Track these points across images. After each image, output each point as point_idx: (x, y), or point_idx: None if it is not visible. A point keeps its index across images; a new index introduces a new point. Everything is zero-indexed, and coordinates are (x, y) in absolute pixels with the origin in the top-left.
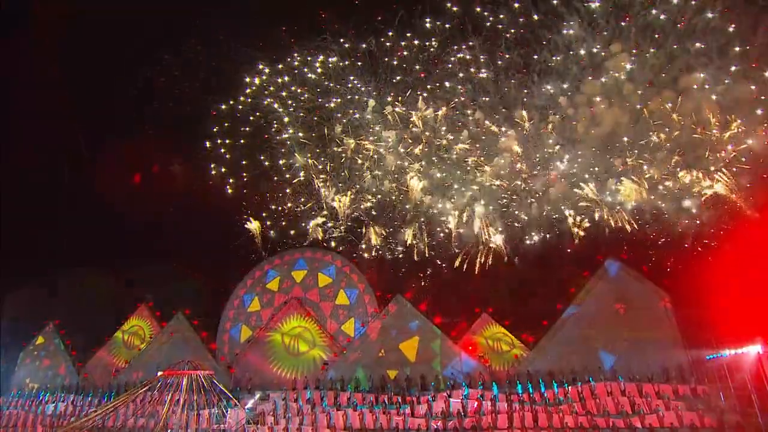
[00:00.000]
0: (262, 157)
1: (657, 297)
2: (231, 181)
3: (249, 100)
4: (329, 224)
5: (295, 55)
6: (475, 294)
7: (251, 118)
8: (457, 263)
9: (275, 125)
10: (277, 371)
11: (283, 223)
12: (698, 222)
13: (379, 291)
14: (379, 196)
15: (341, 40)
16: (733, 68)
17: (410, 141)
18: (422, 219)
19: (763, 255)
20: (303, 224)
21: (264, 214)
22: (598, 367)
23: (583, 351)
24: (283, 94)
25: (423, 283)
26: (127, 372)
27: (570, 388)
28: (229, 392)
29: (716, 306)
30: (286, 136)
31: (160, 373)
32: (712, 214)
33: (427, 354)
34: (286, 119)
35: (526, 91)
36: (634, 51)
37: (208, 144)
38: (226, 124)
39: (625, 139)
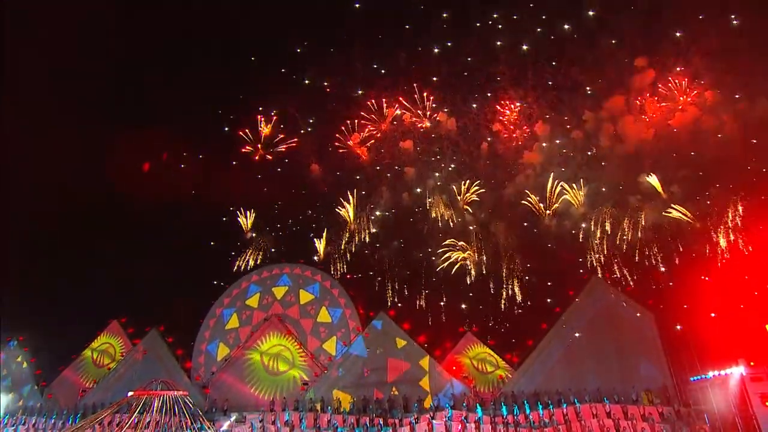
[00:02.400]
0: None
1: (642, 318)
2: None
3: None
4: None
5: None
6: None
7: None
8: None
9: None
10: (254, 391)
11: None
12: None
13: (362, 308)
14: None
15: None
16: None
17: (431, 153)
18: (440, 234)
19: (746, 278)
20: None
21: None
22: (584, 387)
23: (567, 371)
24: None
25: (418, 303)
26: (95, 392)
27: (555, 409)
28: (204, 414)
29: (700, 328)
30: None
31: (130, 394)
32: (721, 234)
33: (412, 374)
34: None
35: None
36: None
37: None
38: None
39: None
